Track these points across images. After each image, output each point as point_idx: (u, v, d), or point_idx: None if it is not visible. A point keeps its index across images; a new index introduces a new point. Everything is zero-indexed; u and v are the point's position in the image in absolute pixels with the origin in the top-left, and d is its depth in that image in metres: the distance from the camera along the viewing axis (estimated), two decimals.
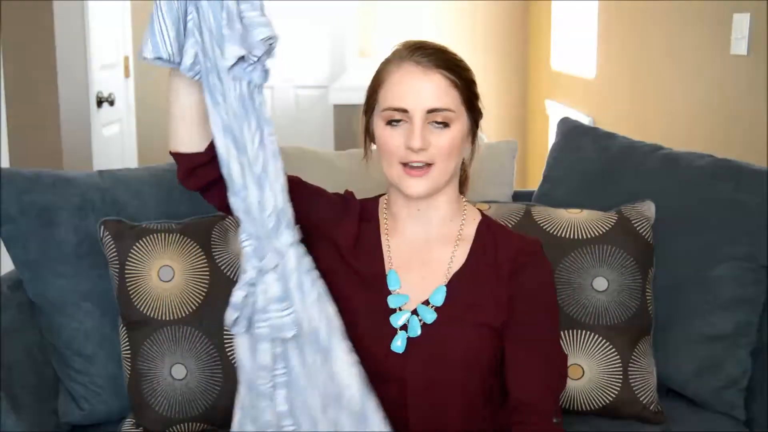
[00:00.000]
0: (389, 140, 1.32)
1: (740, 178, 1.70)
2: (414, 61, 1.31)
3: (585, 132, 1.91)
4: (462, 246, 1.39)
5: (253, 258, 1.20)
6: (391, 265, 1.38)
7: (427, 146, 1.29)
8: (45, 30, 3.00)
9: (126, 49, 3.86)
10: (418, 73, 1.31)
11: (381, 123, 1.33)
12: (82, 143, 3.31)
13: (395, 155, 1.31)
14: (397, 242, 1.40)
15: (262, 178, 1.19)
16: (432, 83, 1.30)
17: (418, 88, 1.30)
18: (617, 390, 1.59)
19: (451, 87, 1.31)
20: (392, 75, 1.33)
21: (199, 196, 1.85)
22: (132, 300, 1.58)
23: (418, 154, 1.29)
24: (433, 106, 1.30)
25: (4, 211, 1.63)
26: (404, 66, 1.32)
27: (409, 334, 1.32)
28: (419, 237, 1.39)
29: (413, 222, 1.39)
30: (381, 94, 1.34)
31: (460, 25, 5.56)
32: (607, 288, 1.61)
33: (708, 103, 2.73)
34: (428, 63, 1.31)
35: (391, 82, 1.32)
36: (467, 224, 1.41)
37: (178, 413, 1.57)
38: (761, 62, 2.33)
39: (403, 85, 1.31)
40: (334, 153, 1.99)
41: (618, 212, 1.68)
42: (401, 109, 1.30)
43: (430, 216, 1.38)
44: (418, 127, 1.29)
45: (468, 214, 1.42)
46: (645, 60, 3.41)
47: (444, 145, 1.30)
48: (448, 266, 1.37)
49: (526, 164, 5.64)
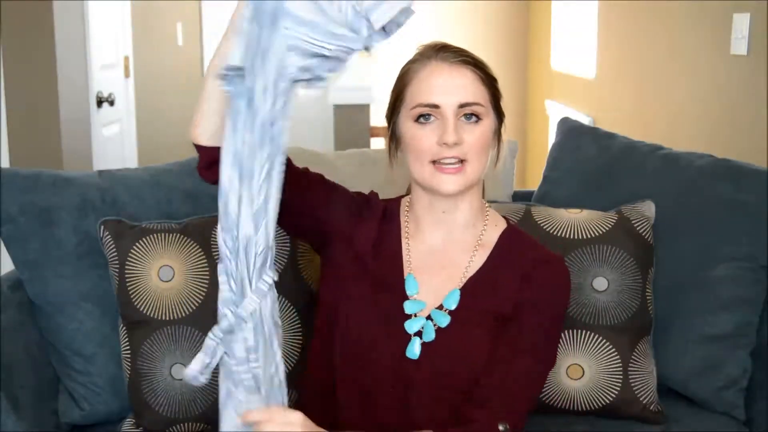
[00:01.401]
0: (421, 139, 1.30)
1: (740, 178, 1.70)
2: (441, 58, 1.31)
3: (585, 132, 1.91)
4: (481, 252, 1.37)
5: (230, 303, 1.12)
6: (410, 269, 1.37)
7: (460, 141, 1.28)
8: (45, 30, 3.00)
9: (126, 49, 3.86)
10: (447, 69, 1.31)
11: (410, 122, 1.32)
12: (82, 143, 3.31)
13: (427, 153, 1.30)
14: (417, 246, 1.38)
15: (258, 215, 1.11)
16: (463, 78, 1.30)
17: (449, 83, 1.30)
18: (617, 390, 1.59)
19: (479, 83, 1.31)
20: (420, 73, 1.32)
21: (198, 196, 1.85)
22: (132, 300, 1.58)
23: (452, 149, 1.28)
24: (465, 101, 1.29)
25: (4, 211, 1.63)
26: (432, 63, 1.32)
27: (423, 339, 1.31)
28: (440, 241, 1.38)
29: (436, 226, 1.38)
30: (408, 93, 1.32)
31: (461, 25, 5.56)
32: (607, 288, 1.61)
33: (708, 103, 2.73)
34: (456, 59, 1.31)
35: (419, 79, 1.31)
36: (489, 231, 1.39)
37: (178, 413, 1.57)
38: (761, 62, 2.33)
39: (432, 81, 1.30)
40: (334, 153, 1.99)
41: (618, 212, 1.68)
42: (432, 105, 1.29)
43: (453, 219, 1.37)
44: (451, 121, 1.28)
45: (490, 221, 1.40)
46: (645, 60, 3.41)
47: (476, 140, 1.29)
48: (465, 271, 1.36)
49: (526, 164, 5.64)
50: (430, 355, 1.30)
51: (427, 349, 1.31)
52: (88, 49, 3.36)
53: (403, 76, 1.35)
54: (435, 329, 1.32)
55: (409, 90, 1.33)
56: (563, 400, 1.60)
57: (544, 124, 5.15)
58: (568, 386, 1.60)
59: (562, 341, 1.60)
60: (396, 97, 1.36)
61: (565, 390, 1.60)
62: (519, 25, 5.63)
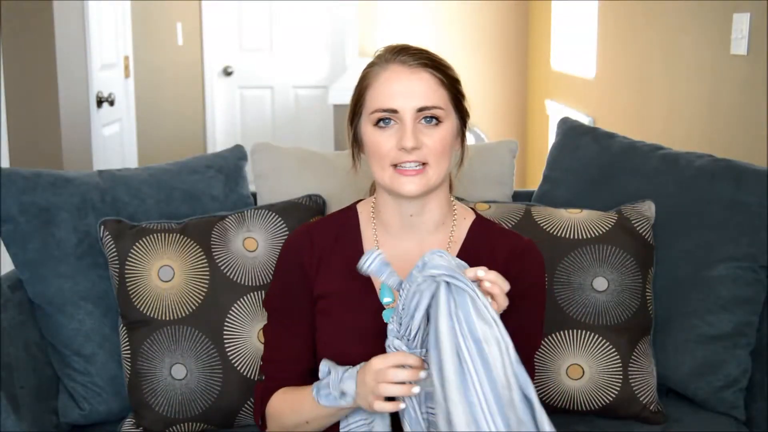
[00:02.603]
0: (380, 143, 1.30)
1: (740, 178, 1.70)
2: (400, 62, 1.31)
3: (585, 132, 1.91)
4: (453, 248, 1.38)
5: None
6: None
7: (420, 145, 1.28)
8: (45, 30, 3.00)
9: (126, 49, 3.86)
10: (405, 73, 1.30)
11: (369, 126, 1.32)
12: (82, 143, 3.31)
13: (387, 158, 1.30)
14: (389, 252, 1.36)
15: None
16: (421, 82, 1.30)
17: (407, 88, 1.29)
18: (617, 390, 1.59)
19: (439, 85, 1.31)
20: (378, 77, 1.32)
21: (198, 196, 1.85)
22: (132, 300, 1.58)
23: (411, 153, 1.28)
24: (423, 105, 1.29)
25: (4, 211, 1.63)
26: (390, 67, 1.31)
27: None
28: (412, 245, 1.38)
29: (406, 230, 1.38)
30: (368, 98, 1.32)
31: (461, 25, 5.56)
32: (607, 288, 1.61)
33: (708, 103, 2.73)
34: (415, 63, 1.30)
35: (378, 83, 1.31)
36: (458, 226, 1.40)
37: (178, 413, 1.57)
38: (761, 62, 2.33)
39: (391, 86, 1.30)
40: (334, 153, 1.99)
41: (618, 212, 1.68)
42: (391, 110, 1.29)
43: (422, 222, 1.37)
44: (409, 126, 1.28)
45: (458, 216, 1.41)
46: (645, 60, 3.41)
47: (436, 144, 1.29)
48: None
49: (526, 164, 5.64)
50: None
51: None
52: (88, 49, 3.36)
53: (363, 79, 1.34)
54: None
55: (368, 94, 1.32)
56: (563, 400, 1.60)
57: (544, 124, 5.14)
58: (568, 386, 1.60)
59: (563, 341, 1.60)
60: (356, 101, 1.35)
61: (565, 390, 1.60)
62: (519, 25, 5.63)
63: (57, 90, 3.05)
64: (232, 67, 5.47)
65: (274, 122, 5.51)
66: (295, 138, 5.36)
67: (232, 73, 5.48)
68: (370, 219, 1.42)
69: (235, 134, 5.47)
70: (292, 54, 5.44)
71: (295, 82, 5.46)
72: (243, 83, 5.50)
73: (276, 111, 5.51)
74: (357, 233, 1.41)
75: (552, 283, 1.61)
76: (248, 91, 5.52)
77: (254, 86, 5.50)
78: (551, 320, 1.57)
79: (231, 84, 5.51)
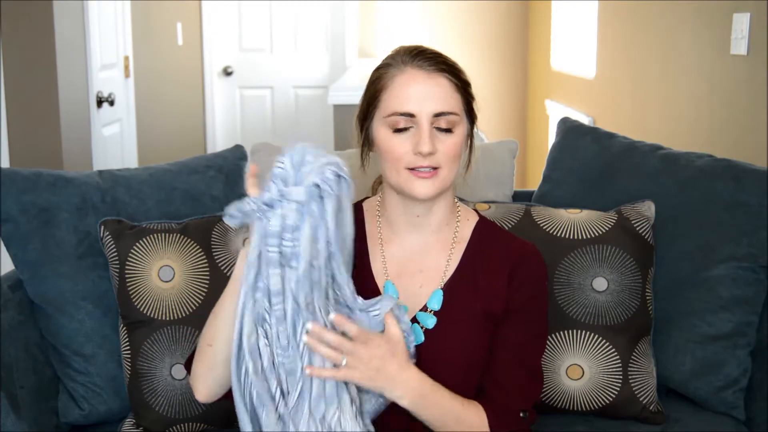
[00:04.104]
0: (396, 147, 1.30)
1: (740, 178, 1.70)
2: (417, 66, 1.30)
3: (585, 132, 1.91)
4: (457, 249, 1.38)
5: (279, 180, 1.20)
6: (386, 275, 1.38)
7: (434, 151, 1.28)
8: (45, 30, 3.00)
9: (126, 49, 3.86)
10: (423, 77, 1.30)
11: (385, 129, 1.31)
12: (82, 143, 3.31)
13: (401, 161, 1.30)
14: (393, 251, 1.38)
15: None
16: (439, 87, 1.30)
17: (425, 92, 1.29)
18: (617, 390, 1.59)
19: (454, 90, 1.31)
20: (395, 79, 1.31)
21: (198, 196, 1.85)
22: (132, 300, 1.58)
23: (426, 158, 1.28)
24: (440, 110, 1.29)
25: (4, 211, 1.63)
26: (408, 70, 1.30)
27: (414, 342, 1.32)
28: (416, 244, 1.38)
29: (411, 229, 1.38)
30: (383, 99, 1.32)
31: (461, 25, 5.56)
32: (607, 288, 1.61)
33: (708, 103, 2.73)
34: (432, 67, 1.30)
35: (395, 85, 1.30)
36: (462, 226, 1.40)
37: (178, 413, 1.57)
38: (761, 62, 2.33)
39: (408, 89, 1.29)
40: (334, 153, 1.99)
41: (618, 212, 1.68)
42: (408, 114, 1.29)
43: (428, 222, 1.38)
44: (426, 131, 1.28)
45: (462, 216, 1.42)
46: (645, 60, 3.41)
47: (449, 149, 1.30)
48: (444, 270, 1.37)
49: (526, 164, 5.64)
50: (422, 356, 1.31)
51: (418, 352, 1.31)
52: (88, 49, 3.36)
53: (378, 80, 1.33)
54: (423, 331, 1.33)
55: (384, 96, 1.32)
56: (563, 400, 1.60)
57: (544, 124, 5.15)
58: (568, 386, 1.60)
59: (562, 341, 1.60)
60: (369, 101, 1.35)
61: (565, 390, 1.60)
62: (519, 25, 5.63)
63: (57, 90, 3.05)
64: (232, 67, 5.47)
65: (274, 122, 5.51)
66: (295, 138, 5.35)
67: (232, 73, 5.48)
68: (375, 217, 1.42)
69: (235, 134, 5.47)
70: (292, 54, 5.44)
71: (295, 82, 5.46)
72: (243, 83, 5.50)
73: (276, 111, 5.51)
74: (361, 230, 1.41)
75: (552, 283, 1.61)
76: (248, 91, 5.52)
77: (254, 86, 5.50)
78: (551, 320, 1.56)
79: (231, 84, 5.51)
